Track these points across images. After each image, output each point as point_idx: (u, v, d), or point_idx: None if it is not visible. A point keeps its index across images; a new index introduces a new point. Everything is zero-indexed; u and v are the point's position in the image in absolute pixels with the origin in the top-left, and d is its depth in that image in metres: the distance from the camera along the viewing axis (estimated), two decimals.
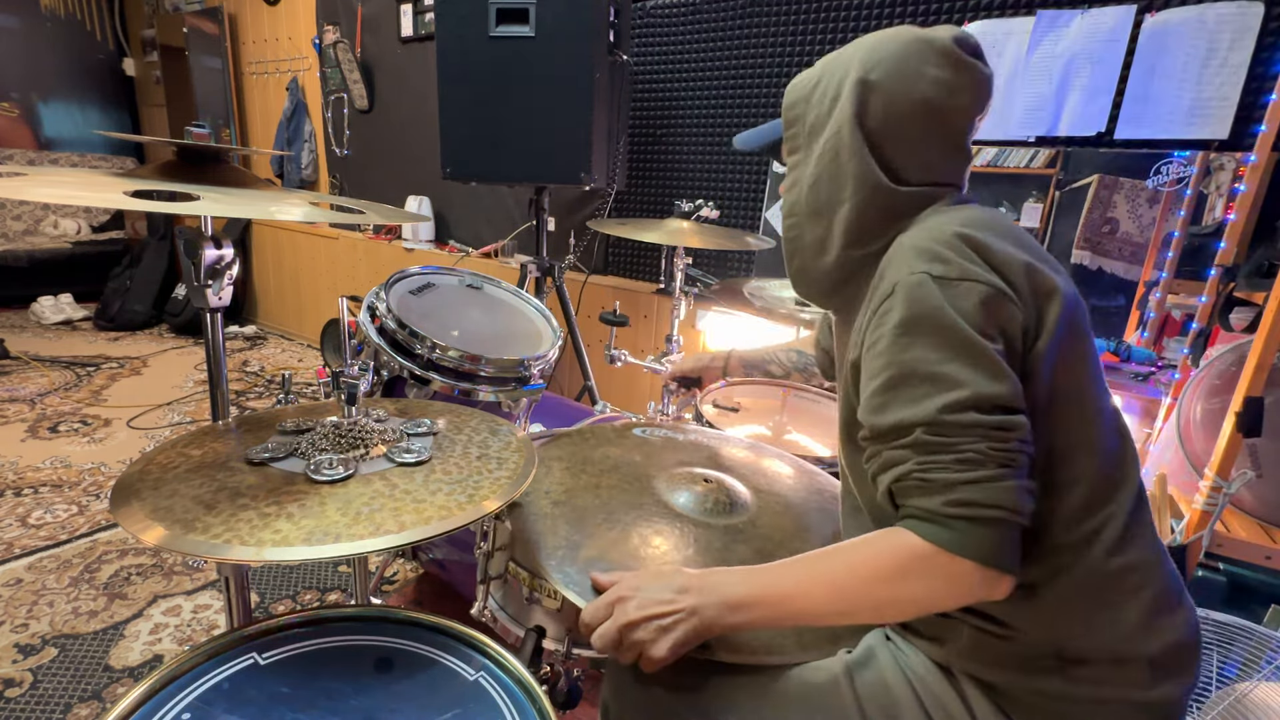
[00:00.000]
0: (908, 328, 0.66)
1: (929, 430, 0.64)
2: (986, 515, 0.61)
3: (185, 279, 0.90)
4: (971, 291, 0.65)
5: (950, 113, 0.77)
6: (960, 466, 0.62)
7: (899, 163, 0.77)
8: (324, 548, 0.64)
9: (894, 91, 0.76)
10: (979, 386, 0.63)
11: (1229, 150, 1.62)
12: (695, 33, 2.41)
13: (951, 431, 0.63)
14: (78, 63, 5.03)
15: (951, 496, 0.62)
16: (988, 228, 0.71)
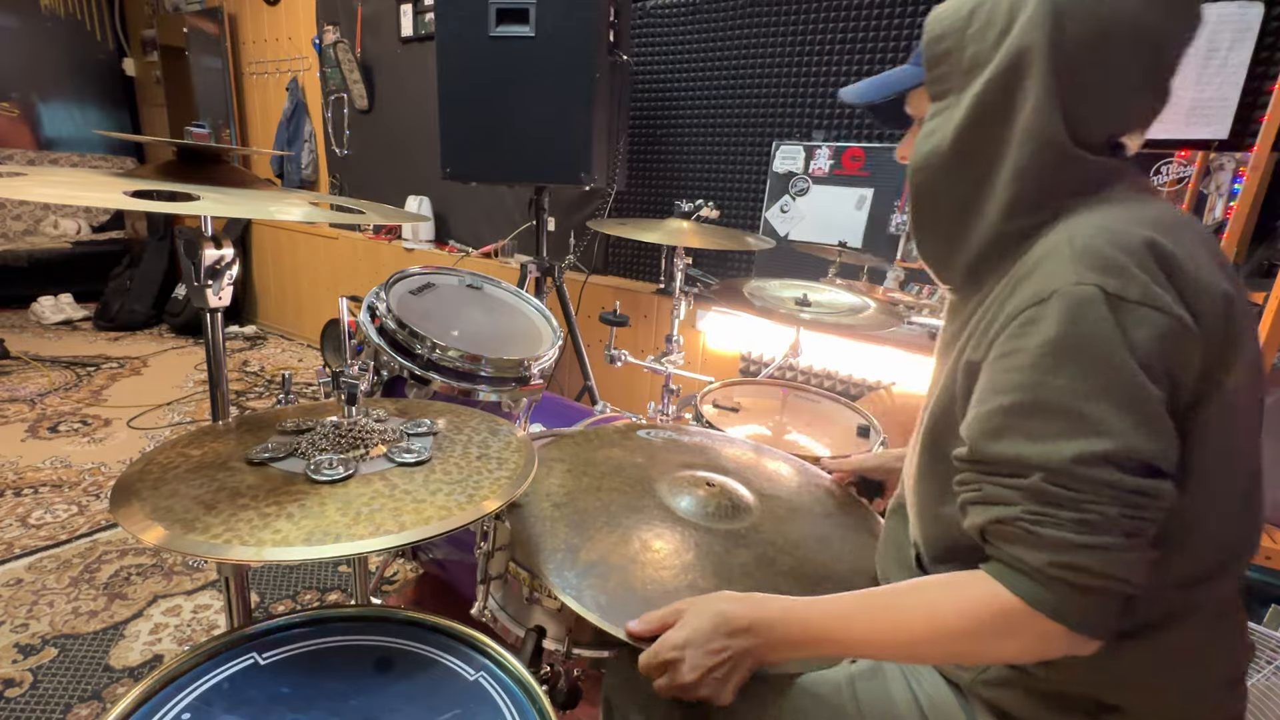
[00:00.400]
0: (1060, 350, 0.55)
1: (1052, 478, 0.54)
2: (1095, 585, 0.54)
3: (185, 279, 0.90)
4: (1151, 322, 0.54)
5: (1163, 40, 0.61)
6: (1079, 528, 0.53)
7: (1085, 112, 0.62)
8: (324, 548, 0.64)
9: (1097, 12, 0.60)
10: (1129, 439, 0.53)
11: (1229, 150, 1.62)
12: (695, 33, 2.41)
13: (1080, 486, 0.54)
14: (78, 63, 5.03)
15: (1061, 559, 0.54)
16: (1182, 236, 0.58)
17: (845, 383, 2.19)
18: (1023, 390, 0.57)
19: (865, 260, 2.09)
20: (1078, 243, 0.58)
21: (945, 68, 0.68)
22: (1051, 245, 0.60)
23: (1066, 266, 0.57)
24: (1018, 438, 0.56)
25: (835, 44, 2.13)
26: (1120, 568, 0.53)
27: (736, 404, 1.67)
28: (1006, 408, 0.57)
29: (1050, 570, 0.55)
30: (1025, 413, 0.56)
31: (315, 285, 4.11)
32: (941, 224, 0.71)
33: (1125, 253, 0.56)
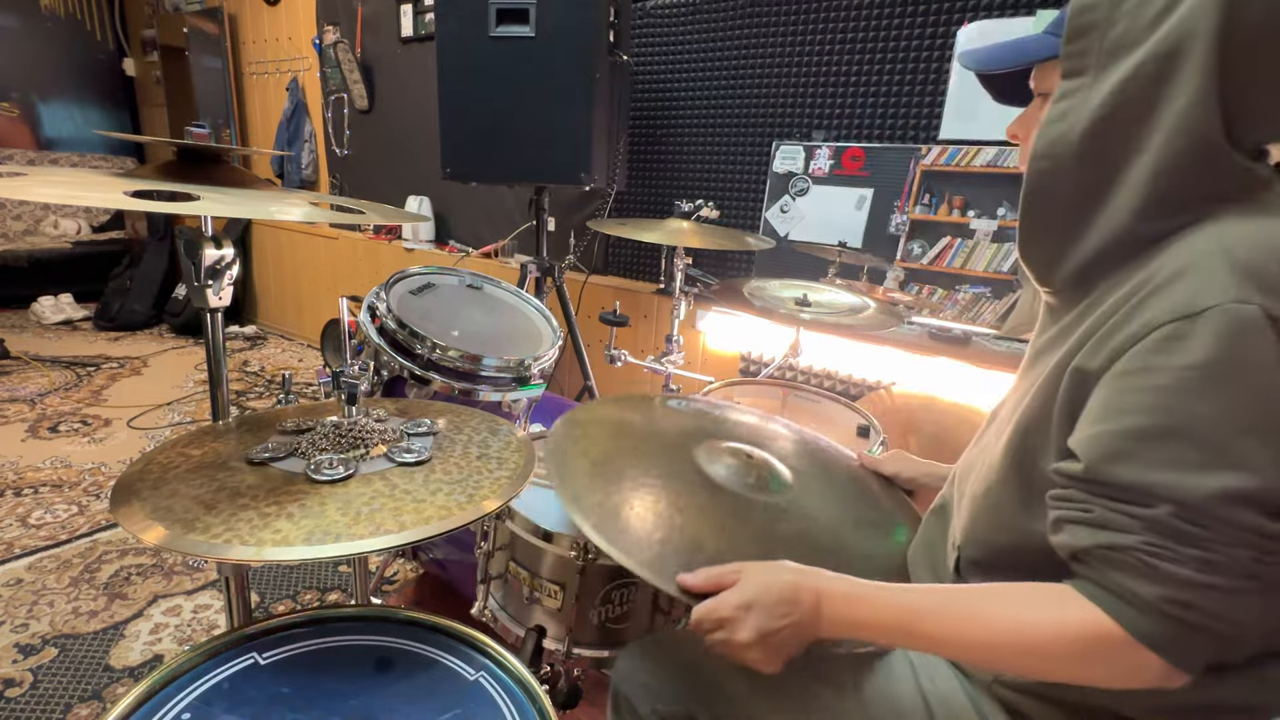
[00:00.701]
0: (1212, 374, 0.50)
1: (1183, 512, 0.51)
2: (1213, 627, 0.51)
3: (185, 279, 0.90)
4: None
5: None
6: (1202, 567, 0.50)
7: (1248, 112, 0.55)
8: (324, 547, 0.64)
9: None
10: (1265, 480, 0.49)
11: None
12: (695, 33, 2.41)
13: (1213, 525, 0.50)
14: (78, 63, 5.03)
15: (1179, 596, 0.51)
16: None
17: (845, 383, 2.19)
18: (1160, 414, 0.52)
19: (865, 260, 2.10)
20: (1238, 255, 0.52)
21: (1087, 42, 0.60)
22: (1200, 254, 0.54)
23: (1224, 280, 0.51)
24: (1151, 464, 0.52)
25: (835, 44, 2.13)
26: (1236, 610, 0.51)
27: (736, 404, 1.67)
28: (1137, 430, 0.53)
29: (1163, 605, 0.51)
30: (1160, 438, 0.52)
31: (315, 285, 4.11)
32: (1057, 220, 0.63)
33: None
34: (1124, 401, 0.54)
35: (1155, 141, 0.56)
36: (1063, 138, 0.61)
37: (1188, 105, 0.55)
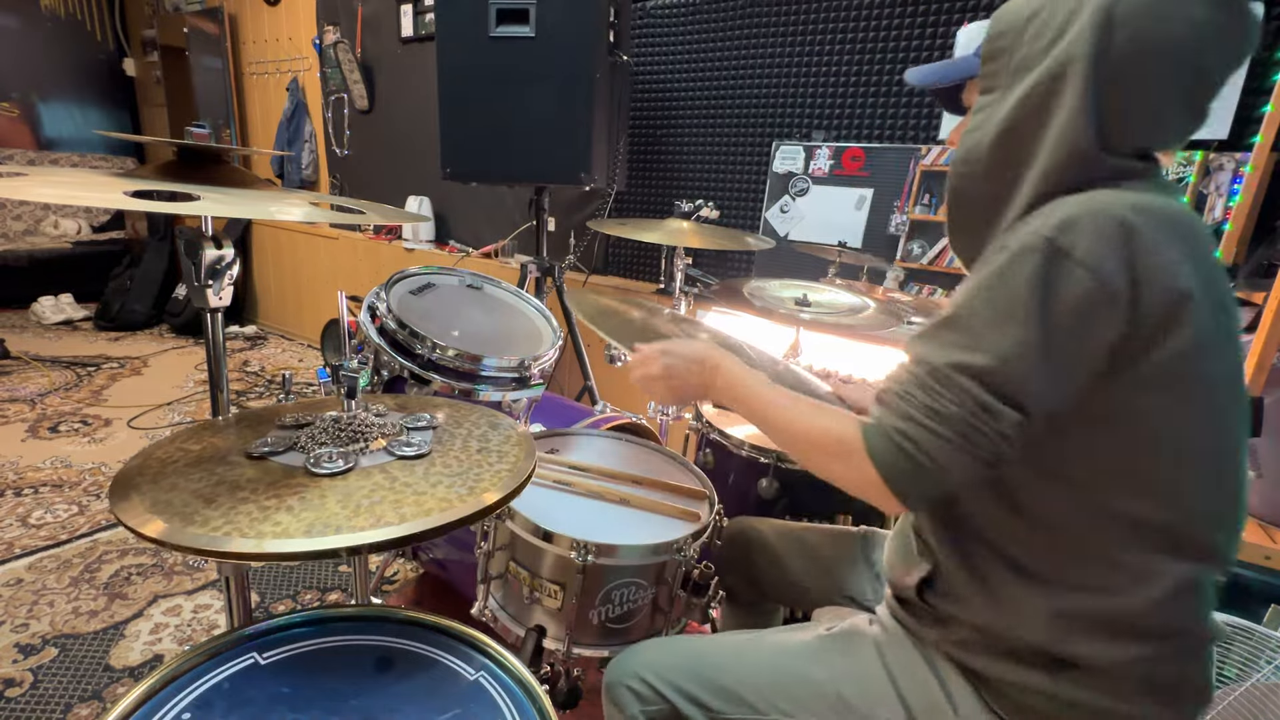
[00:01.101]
0: (991, 281, 0.63)
1: (933, 374, 0.66)
2: (917, 457, 0.65)
3: (185, 279, 0.90)
4: (1078, 280, 0.59)
5: (1207, 63, 0.64)
6: (926, 412, 0.65)
7: (1120, 123, 0.65)
8: (325, 539, 0.64)
9: (1145, 29, 0.62)
10: (979, 356, 0.63)
11: (1229, 150, 1.62)
12: (695, 33, 2.41)
13: (946, 384, 0.65)
14: (78, 63, 5.03)
15: (904, 426, 0.66)
16: (1164, 226, 0.61)
17: (845, 383, 2.19)
18: (956, 307, 0.66)
19: (865, 260, 2.09)
20: (1057, 207, 0.64)
21: (997, 64, 0.72)
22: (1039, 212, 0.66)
23: (1036, 223, 0.63)
24: (934, 342, 0.67)
25: (835, 44, 2.13)
26: (941, 454, 0.64)
27: None
28: (941, 319, 0.68)
29: (891, 432, 0.67)
30: (949, 324, 0.67)
31: (315, 285, 4.11)
32: (976, 218, 0.75)
33: (1091, 217, 0.61)
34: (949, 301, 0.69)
35: (1045, 148, 0.67)
36: (977, 146, 0.72)
37: (1069, 117, 0.65)
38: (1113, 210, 0.61)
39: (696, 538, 1.03)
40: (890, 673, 0.79)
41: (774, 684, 0.82)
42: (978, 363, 0.63)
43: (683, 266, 1.90)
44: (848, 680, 0.80)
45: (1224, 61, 0.65)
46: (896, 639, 0.82)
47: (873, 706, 0.77)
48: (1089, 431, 0.65)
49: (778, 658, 0.84)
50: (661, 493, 1.16)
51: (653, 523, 1.08)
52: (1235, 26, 0.64)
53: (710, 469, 1.50)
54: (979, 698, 0.74)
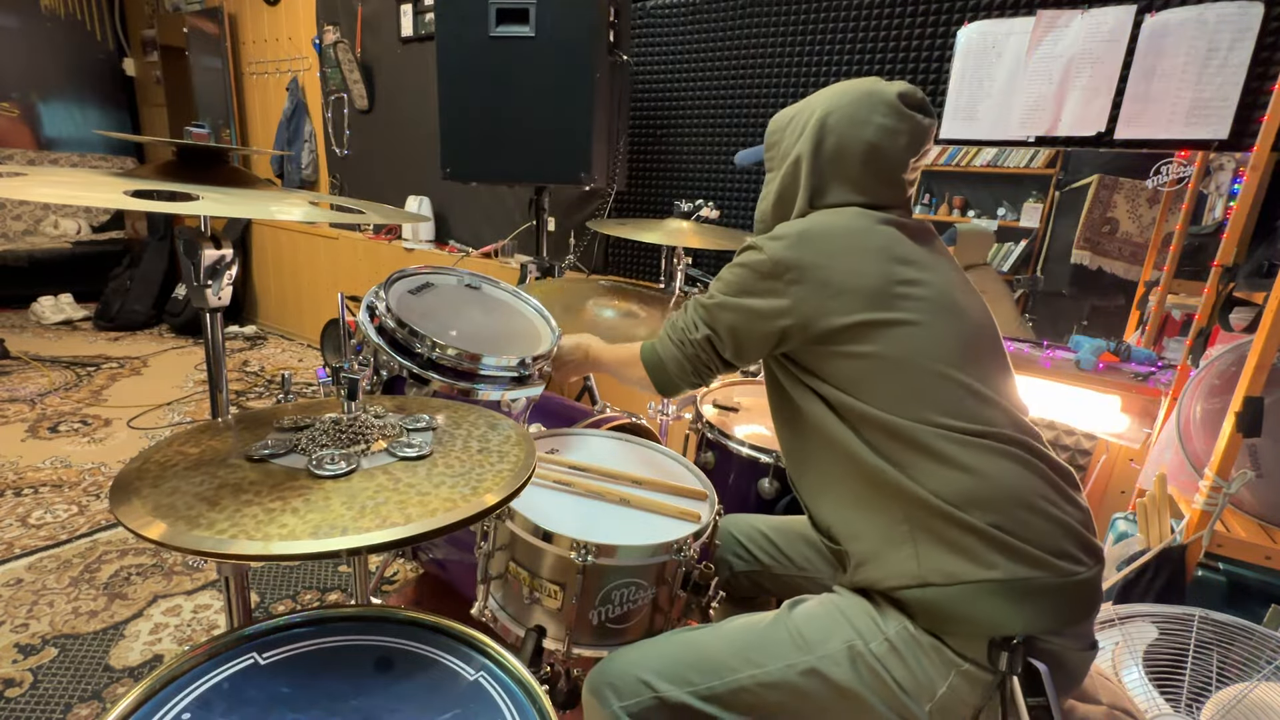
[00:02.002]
0: (733, 261, 0.99)
1: (688, 313, 1.03)
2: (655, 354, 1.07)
3: (185, 279, 0.90)
4: (753, 256, 0.94)
5: (888, 151, 0.96)
6: (669, 329, 1.06)
7: (830, 187, 0.99)
8: (331, 540, 0.64)
9: (843, 132, 0.97)
10: (703, 299, 1.01)
11: (1229, 150, 1.62)
12: (695, 33, 2.41)
13: (685, 310, 1.04)
14: (78, 63, 5.03)
15: (659, 335, 1.08)
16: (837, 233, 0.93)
17: None
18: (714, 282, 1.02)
19: None
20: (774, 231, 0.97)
21: (773, 153, 1.08)
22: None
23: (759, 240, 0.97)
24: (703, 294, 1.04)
25: (835, 44, 2.13)
26: (671, 363, 1.04)
27: (736, 404, 1.68)
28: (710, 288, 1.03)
29: (653, 340, 1.08)
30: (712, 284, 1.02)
31: (315, 285, 4.11)
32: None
33: (785, 228, 0.95)
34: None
35: (794, 207, 1.02)
36: (764, 209, 1.08)
37: (804, 189, 1.00)
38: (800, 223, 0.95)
39: (696, 538, 1.03)
40: (842, 611, 0.90)
41: (747, 644, 0.91)
42: (700, 300, 1.01)
43: (683, 266, 1.89)
44: (807, 623, 0.91)
45: (901, 151, 0.96)
46: (846, 592, 0.94)
47: (828, 636, 0.88)
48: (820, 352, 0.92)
49: (748, 624, 0.95)
50: (661, 493, 1.16)
51: (653, 523, 1.08)
52: (908, 128, 0.96)
53: (710, 469, 1.50)
54: (895, 609, 0.86)
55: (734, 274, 0.96)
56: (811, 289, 0.89)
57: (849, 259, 0.90)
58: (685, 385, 1.05)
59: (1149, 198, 1.74)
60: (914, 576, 0.83)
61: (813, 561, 1.12)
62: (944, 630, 0.82)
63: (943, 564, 0.82)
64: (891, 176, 0.98)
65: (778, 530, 1.17)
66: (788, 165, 1.01)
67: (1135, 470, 1.71)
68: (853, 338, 0.88)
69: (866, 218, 0.95)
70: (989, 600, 0.79)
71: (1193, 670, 1.19)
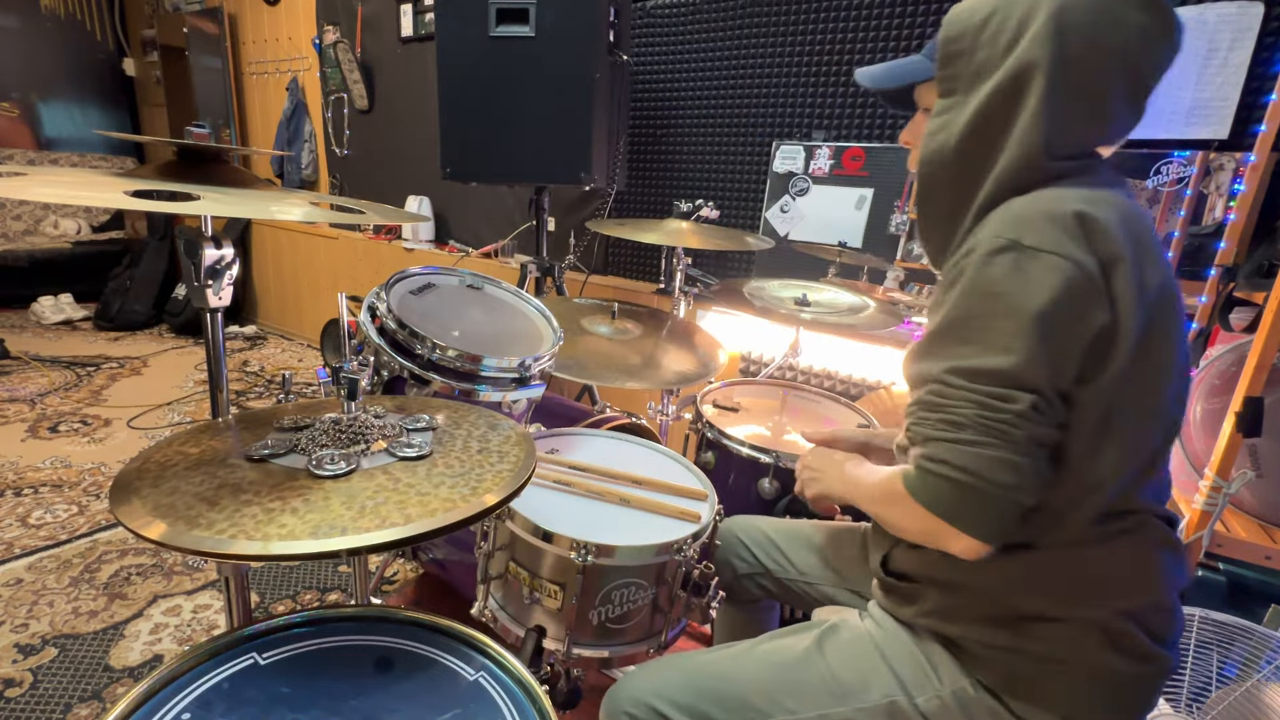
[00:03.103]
0: (968, 289, 0.66)
1: (933, 388, 0.67)
2: (953, 476, 0.64)
3: (185, 279, 0.90)
4: (1054, 266, 0.62)
5: (1146, 64, 0.68)
6: (943, 426, 0.66)
7: (1068, 126, 0.69)
8: (331, 541, 0.64)
9: (1095, 35, 0.66)
10: (984, 358, 0.64)
11: (1229, 150, 1.62)
12: (695, 33, 2.41)
13: (948, 394, 0.66)
14: (78, 63, 5.03)
15: (927, 450, 0.67)
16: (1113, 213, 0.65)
17: (845, 383, 2.19)
18: (941, 322, 0.69)
19: (865, 260, 2.09)
20: (1009, 210, 0.68)
21: (956, 68, 0.74)
22: (996, 214, 0.69)
23: (993, 228, 0.67)
24: (927, 358, 0.69)
25: (835, 43, 2.13)
26: (977, 462, 0.63)
27: (736, 404, 1.67)
28: (928, 336, 0.70)
29: (921, 462, 0.67)
30: (937, 338, 0.69)
31: (315, 285, 4.11)
32: (942, 219, 0.77)
33: (1046, 214, 0.65)
34: (930, 320, 0.71)
35: (1003, 153, 0.71)
36: (942, 148, 0.75)
37: (1028, 121, 0.69)
38: (1064, 204, 0.65)
39: (696, 538, 1.03)
40: (881, 651, 0.82)
41: (776, 682, 0.83)
42: (966, 363, 0.65)
43: (682, 266, 1.89)
44: (842, 664, 0.83)
45: (1157, 62, 0.69)
46: (884, 622, 0.86)
47: (867, 685, 0.80)
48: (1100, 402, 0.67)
49: (776, 658, 0.86)
50: (661, 493, 1.16)
51: (653, 523, 1.08)
52: (1166, 30, 0.68)
53: (710, 469, 1.50)
54: (957, 663, 0.78)
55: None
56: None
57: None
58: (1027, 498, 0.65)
59: (1149, 198, 1.74)
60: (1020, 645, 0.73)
61: (816, 570, 1.09)
62: (1015, 696, 0.74)
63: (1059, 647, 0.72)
64: (1143, 104, 0.71)
65: (783, 534, 1.14)
66: (995, 85, 0.70)
67: None
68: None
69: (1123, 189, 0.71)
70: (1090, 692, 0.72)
71: (1193, 670, 1.19)
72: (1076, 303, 0.63)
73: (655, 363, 1.62)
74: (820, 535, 1.12)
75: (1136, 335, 0.64)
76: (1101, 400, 0.66)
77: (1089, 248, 0.63)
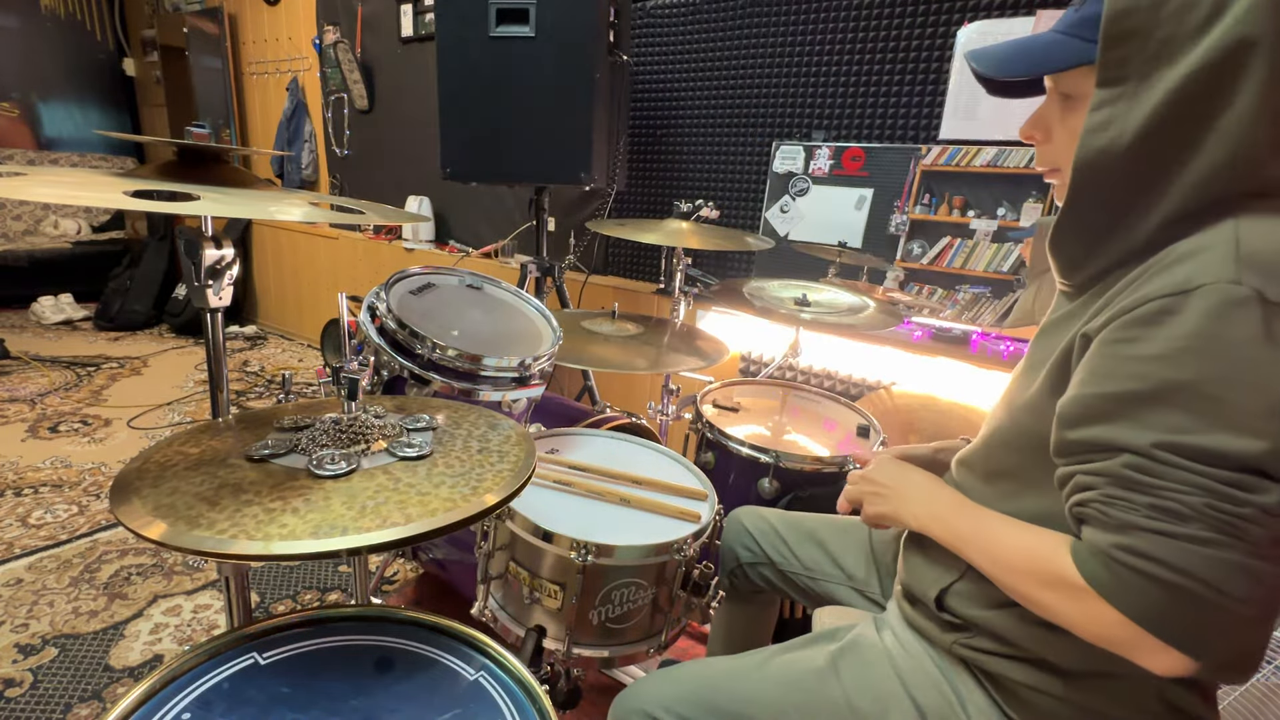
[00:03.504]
0: (1193, 346, 0.52)
1: (1133, 462, 0.54)
2: (1167, 578, 0.51)
3: (185, 279, 0.90)
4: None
5: None
6: (1152, 513, 0.53)
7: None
8: (332, 540, 0.64)
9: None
10: (1219, 437, 0.51)
11: None
12: (695, 33, 2.41)
13: (1160, 473, 0.53)
14: (78, 63, 5.03)
15: (1129, 541, 0.53)
16: None
17: (845, 383, 2.19)
18: (1139, 380, 0.54)
19: (865, 260, 2.10)
20: (1245, 245, 0.54)
21: (1127, 49, 0.59)
22: (1212, 240, 0.56)
23: (1224, 263, 0.53)
24: (1119, 423, 0.55)
25: (835, 44, 2.13)
26: (1199, 564, 0.50)
27: (736, 404, 1.67)
28: (1119, 395, 0.55)
29: (1111, 549, 0.54)
30: (1138, 402, 0.54)
31: (315, 285, 4.11)
32: (1096, 224, 0.64)
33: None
34: (1106, 368, 0.57)
35: (1203, 151, 0.56)
36: (1110, 147, 0.60)
37: (1242, 113, 0.54)
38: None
39: (696, 538, 1.03)
40: (901, 678, 0.78)
41: (788, 702, 0.79)
42: (1192, 439, 0.52)
43: (682, 266, 1.90)
44: (859, 690, 0.79)
45: None
46: (906, 642, 0.81)
47: (885, 712, 0.76)
48: None
49: (790, 675, 0.82)
50: (661, 493, 1.17)
51: (653, 523, 1.08)
52: None
53: (710, 469, 1.50)
54: (990, 699, 0.73)
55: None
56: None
57: None
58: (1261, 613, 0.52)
59: None
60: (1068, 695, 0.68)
61: (820, 565, 1.09)
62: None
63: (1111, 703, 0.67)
64: None
65: (788, 526, 1.13)
66: (1193, 68, 0.55)
67: None
68: None
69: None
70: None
71: None
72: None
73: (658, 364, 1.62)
74: (824, 529, 1.11)
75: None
76: None
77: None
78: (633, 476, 1.19)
